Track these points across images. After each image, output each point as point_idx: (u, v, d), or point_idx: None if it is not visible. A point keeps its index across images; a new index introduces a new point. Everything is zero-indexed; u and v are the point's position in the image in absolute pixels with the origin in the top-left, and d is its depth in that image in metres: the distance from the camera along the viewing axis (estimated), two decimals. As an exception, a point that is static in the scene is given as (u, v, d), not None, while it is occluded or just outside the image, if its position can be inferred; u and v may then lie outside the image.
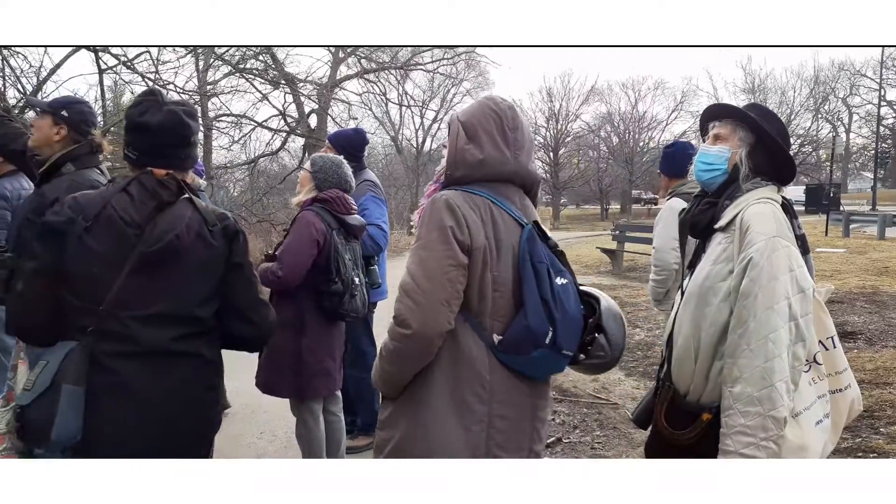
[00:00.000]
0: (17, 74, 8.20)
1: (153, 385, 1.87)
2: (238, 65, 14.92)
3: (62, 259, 1.84)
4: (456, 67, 28.68)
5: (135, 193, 1.91)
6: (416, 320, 1.73)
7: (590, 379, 5.84)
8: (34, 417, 1.77)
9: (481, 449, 1.81)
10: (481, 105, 1.96)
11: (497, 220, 1.83)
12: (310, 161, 3.49)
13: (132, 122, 1.99)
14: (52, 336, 1.88)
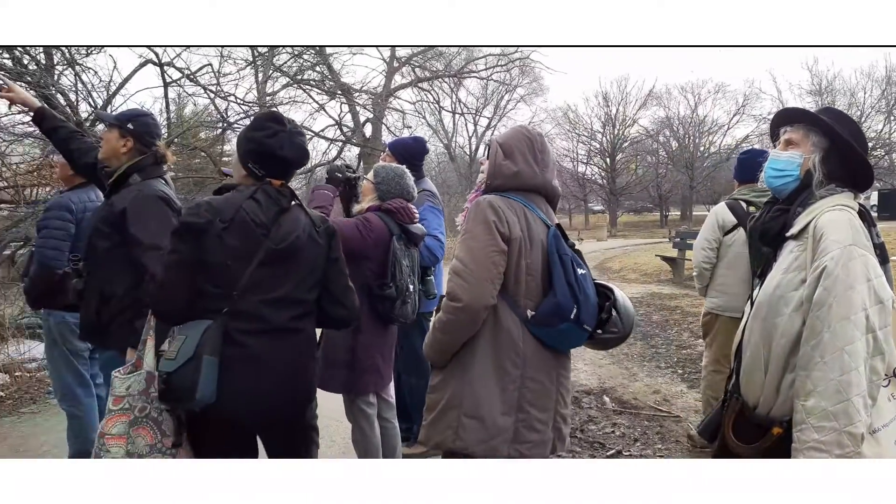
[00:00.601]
0: (89, 89, 8.57)
1: (276, 356, 2.29)
2: (296, 76, 15.23)
3: (200, 253, 2.21)
4: (510, 74, 28.65)
5: (261, 200, 2.32)
6: (466, 295, 2.13)
7: (651, 391, 5.71)
8: (179, 381, 2.13)
9: (514, 405, 2.19)
10: (516, 131, 2.42)
11: (529, 219, 2.26)
12: (373, 171, 3.52)
13: (262, 145, 2.35)
14: (186, 317, 2.23)
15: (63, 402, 3.69)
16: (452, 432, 2.19)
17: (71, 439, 3.69)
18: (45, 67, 7.76)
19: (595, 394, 5.68)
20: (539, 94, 37.58)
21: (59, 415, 5.09)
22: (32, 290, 3.49)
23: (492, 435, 2.17)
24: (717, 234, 4.21)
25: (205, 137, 12.43)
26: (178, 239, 2.24)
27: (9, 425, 5.02)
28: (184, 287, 2.23)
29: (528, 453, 2.21)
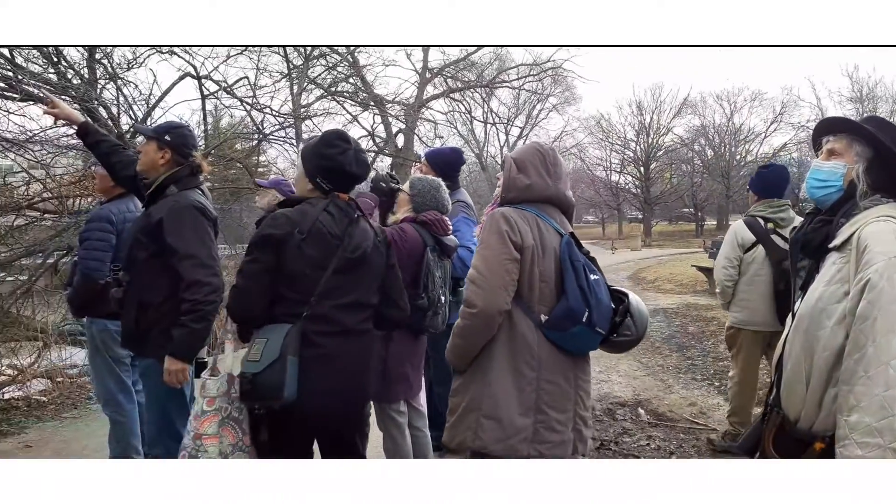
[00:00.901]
0: (130, 102, 8.78)
1: (347, 356, 2.48)
2: (330, 87, 15.44)
3: (280, 262, 2.38)
4: (542, 83, 28.60)
5: (334, 213, 2.50)
6: (480, 301, 2.25)
7: (687, 403, 5.62)
8: (266, 381, 2.27)
9: (532, 406, 2.29)
10: (529, 146, 2.57)
11: (542, 229, 2.37)
12: (408, 183, 3.54)
13: (332, 161, 2.51)
14: (264, 321, 2.39)
15: (106, 408, 3.77)
16: (472, 433, 2.30)
17: (112, 443, 3.76)
18: (88, 81, 7.99)
19: (630, 406, 5.60)
20: (571, 103, 37.41)
21: (99, 420, 5.20)
22: (76, 300, 3.58)
23: (509, 435, 2.26)
24: (738, 251, 4.34)
25: (240, 148, 12.64)
26: (260, 249, 2.41)
27: (51, 430, 5.15)
28: (263, 294, 2.39)
29: (548, 453, 2.28)
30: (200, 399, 2.46)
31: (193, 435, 2.41)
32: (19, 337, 7.86)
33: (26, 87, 6.66)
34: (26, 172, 8.46)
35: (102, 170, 3.70)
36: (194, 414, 2.45)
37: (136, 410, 3.73)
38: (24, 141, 7.48)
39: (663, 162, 44.44)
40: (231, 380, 2.45)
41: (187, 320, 2.74)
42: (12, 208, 8.11)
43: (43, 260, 8.22)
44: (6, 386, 6.99)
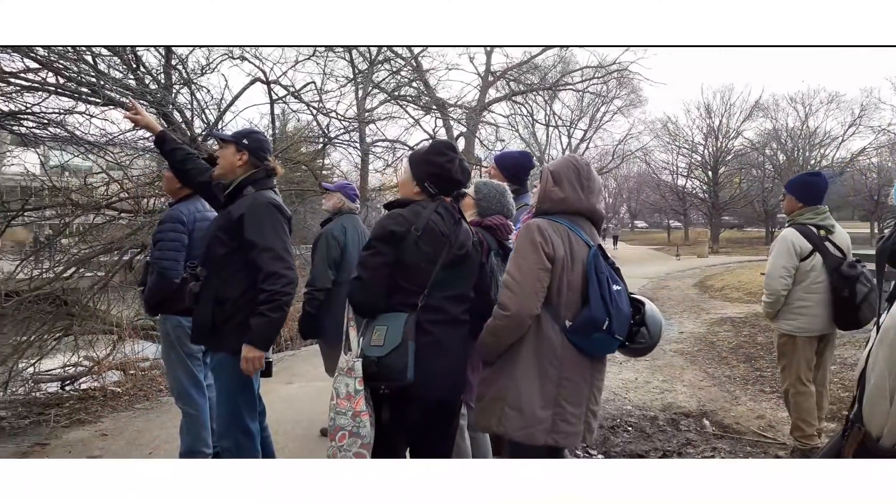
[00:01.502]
0: (203, 107, 9.10)
1: (453, 343, 2.71)
2: (393, 92, 15.63)
3: (399, 255, 2.62)
4: (606, 85, 28.15)
5: (443, 214, 2.72)
6: (514, 305, 2.50)
7: (754, 416, 5.42)
8: (391, 364, 2.52)
9: (552, 400, 2.55)
10: (566, 160, 2.75)
11: (572, 241, 2.58)
12: (474, 187, 3.55)
13: (442, 168, 2.75)
14: (383, 310, 2.63)
15: (179, 401, 3.91)
16: (496, 420, 2.58)
17: (184, 434, 3.90)
18: (164, 86, 8.32)
19: (694, 416, 5.44)
20: (637, 105, 36.63)
21: (169, 412, 5.41)
22: (151, 299, 3.73)
23: (529, 424, 2.53)
24: (794, 260, 4.32)
25: (305, 151, 12.93)
26: (383, 243, 2.64)
27: (125, 420, 5.37)
28: (383, 284, 2.63)
29: (563, 442, 2.59)
30: (350, 380, 2.61)
31: (352, 414, 2.57)
32: (96, 330, 8.25)
33: (108, 92, 6.97)
34: (105, 174, 8.87)
35: (169, 171, 3.85)
36: (345, 395, 2.60)
37: (207, 405, 3.86)
38: (105, 143, 7.84)
39: (732, 166, 43.01)
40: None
41: (265, 309, 2.91)
42: (92, 208, 8.51)
43: (119, 257, 8.61)
44: (83, 376, 7.35)
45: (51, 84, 6.74)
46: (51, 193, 8.67)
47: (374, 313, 2.67)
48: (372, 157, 16.43)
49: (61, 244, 9.14)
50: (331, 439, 2.58)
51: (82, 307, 8.22)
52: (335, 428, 2.57)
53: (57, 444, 4.76)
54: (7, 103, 6.59)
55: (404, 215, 2.70)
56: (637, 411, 5.54)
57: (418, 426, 2.76)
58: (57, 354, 7.90)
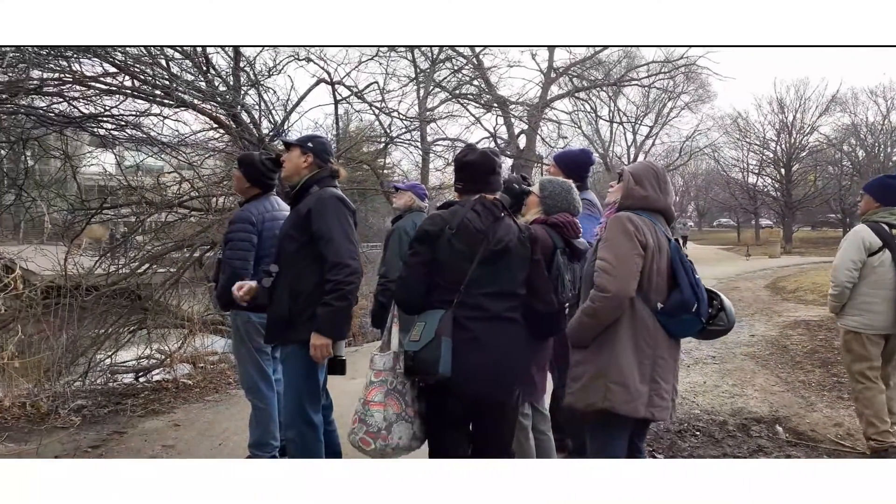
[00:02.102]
0: (269, 107, 9.34)
1: (493, 340, 2.74)
2: (454, 91, 15.65)
3: (435, 253, 2.74)
4: (673, 81, 27.43)
5: (480, 211, 2.81)
6: (613, 287, 2.67)
7: (831, 423, 5.16)
8: (424, 358, 2.65)
9: (648, 376, 2.75)
10: (644, 164, 3.04)
11: (657, 232, 2.81)
12: (538, 185, 3.52)
13: (458, 162, 2.93)
14: (423, 307, 2.76)
15: (248, 394, 4.03)
16: (601, 395, 2.71)
17: (253, 426, 4.01)
18: (233, 88, 8.56)
19: (766, 422, 5.23)
20: (705, 100, 35.62)
21: (238, 404, 5.56)
22: (223, 296, 3.84)
23: (633, 398, 2.70)
24: (863, 255, 4.39)
25: (367, 151, 13.10)
26: (419, 243, 2.78)
27: (196, 411, 5.55)
28: (421, 282, 2.75)
29: (659, 415, 2.79)
30: (370, 371, 2.79)
31: (363, 401, 2.76)
32: (168, 324, 8.57)
33: (181, 94, 7.22)
34: (177, 173, 9.21)
35: (238, 171, 3.96)
36: (365, 384, 2.79)
37: (276, 398, 3.96)
38: (177, 144, 8.13)
39: (807, 163, 41.17)
40: (396, 357, 2.81)
41: (330, 299, 3.02)
42: (165, 206, 8.85)
43: (190, 254, 8.92)
44: (156, 368, 7.65)
45: (127, 87, 7.03)
46: (126, 192, 9.06)
47: (416, 310, 2.79)
48: (432, 156, 16.50)
49: (136, 241, 9.54)
50: (352, 423, 2.81)
51: (155, 302, 8.56)
52: (353, 412, 2.81)
53: (133, 432, 4.95)
54: (88, 106, 6.91)
55: (441, 215, 2.83)
56: (705, 416, 5.36)
57: (464, 421, 2.86)
58: (131, 347, 8.25)
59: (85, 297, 7.06)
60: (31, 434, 4.64)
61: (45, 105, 6.63)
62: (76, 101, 6.75)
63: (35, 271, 7.72)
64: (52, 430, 4.88)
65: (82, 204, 8.58)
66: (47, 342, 6.33)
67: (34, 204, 7.79)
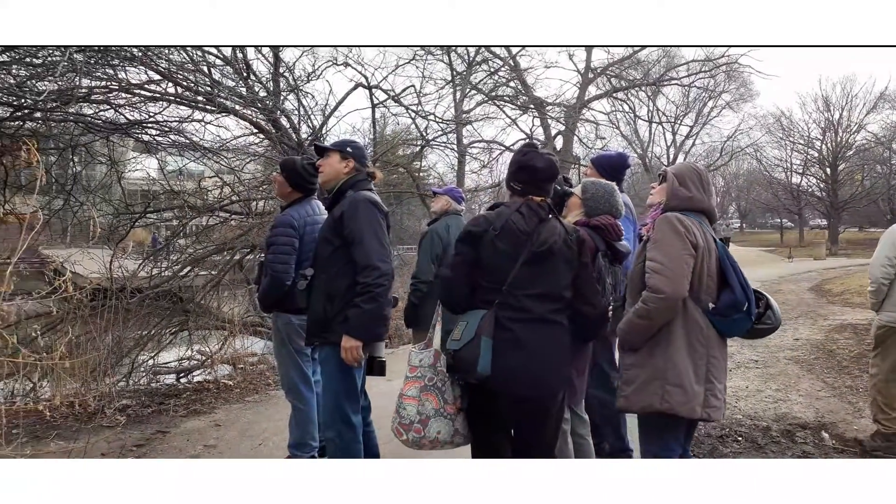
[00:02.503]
0: (308, 112, 9.46)
1: (534, 341, 2.74)
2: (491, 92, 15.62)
3: (478, 255, 2.76)
4: (714, 79, 26.94)
5: (525, 213, 2.81)
6: (668, 287, 2.67)
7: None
8: (464, 357, 2.70)
9: (703, 377, 2.75)
10: (686, 165, 3.06)
11: (705, 232, 2.82)
12: (581, 186, 3.50)
13: (522, 166, 2.88)
14: (466, 307, 2.79)
15: (289, 395, 4.09)
16: (659, 397, 2.70)
17: (293, 427, 4.07)
18: (272, 93, 8.70)
19: (812, 428, 5.10)
20: (747, 99, 34.88)
21: (277, 405, 5.64)
22: (265, 300, 3.93)
23: (690, 399, 2.70)
24: None
25: (402, 154, 13.17)
26: (463, 244, 2.80)
27: (237, 411, 5.64)
28: (463, 283, 2.78)
29: (714, 415, 2.79)
30: (407, 366, 2.88)
31: (399, 395, 2.84)
32: (209, 326, 8.74)
33: (222, 100, 7.36)
34: (218, 177, 9.39)
35: (280, 176, 4.01)
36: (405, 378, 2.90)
37: (315, 399, 4.00)
38: (219, 149, 8.30)
39: (854, 162, 40.00)
40: (437, 355, 2.88)
41: (359, 301, 3.08)
42: (206, 210, 9.03)
43: (230, 257, 9.08)
44: (197, 369, 7.80)
45: (171, 94, 7.19)
46: (168, 197, 9.26)
47: (459, 310, 2.83)
48: (468, 158, 16.50)
49: (178, 244, 9.76)
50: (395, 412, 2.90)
51: (196, 304, 8.73)
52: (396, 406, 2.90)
53: (176, 432, 5.06)
54: (133, 113, 7.09)
55: (486, 216, 2.84)
56: (748, 421, 5.25)
57: (505, 423, 2.89)
58: (172, 348, 8.43)
59: (129, 299, 7.24)
60: (79, 433, 4.78)
61: (93, 112, 6.83)
62: (122, 107, 6.94)
63: (82, 274, 7.96)
64: (98, 428, 5.01)
65: (127, 208, 8.81)
66: (93, 343, 6.51)
67: (81, 208, 8.02)
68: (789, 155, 41.22)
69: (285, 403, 4.16)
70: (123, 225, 8.61)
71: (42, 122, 6.76)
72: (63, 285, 3.59)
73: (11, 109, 6.14)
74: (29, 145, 3.54)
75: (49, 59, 5.48)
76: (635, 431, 3.08)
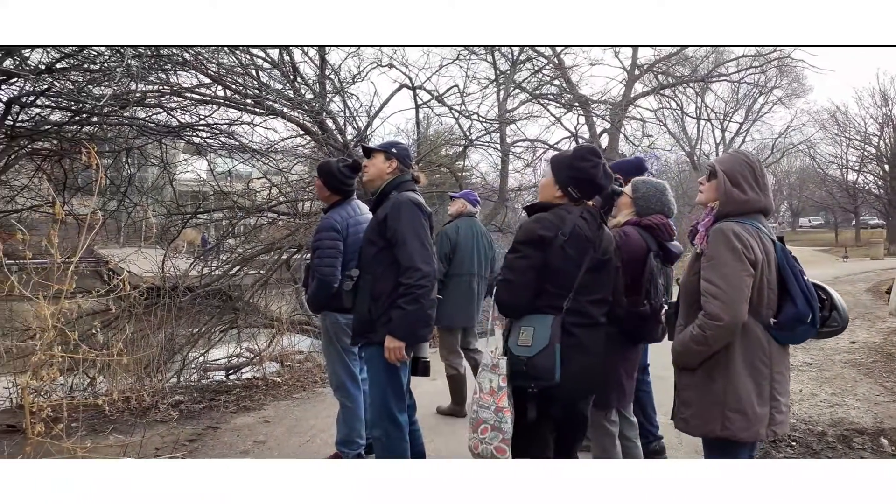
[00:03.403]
0: (353, 114, 9.56)
1: (595, 345, 2.79)
2: (535, 91, 15.51)
3: (546, 259, 2.69)
4: (765, 75, 26.21)
5: (588, 218, 2.78)
6: (726, 315, 2.48)
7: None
8: (541, 365, 2.62)
9: (767, 396, 2.59)
10: (737, 159, 2.70)
11: (763, 241, 2.59)
12: (631, 185, 3.45)
13: (586, 174, 2.78)
14: (528, 311, 2.71)
15: (337, 393, 4.16)
16: (719, 424, 2.57)
17: (340, 424, 4.14)
18: (319, 95, 8.81)
19: (869, 434, 4.92)
20: (800, 94, 33.76)
21: (324, 402, 5.72)
22: (314, 302, 4.01)
23: (753, 423, 2.56)
24: None
25: (445, 154, 13.18)
26: (531, 247, 2.71)
27: (285, 408, 5.74)
28: (528, 287, 2.70)
29: (779, 431, 2.68)
30: (494, 376, 2.72)
31: (494, 409, 2.68)
32: (257, 324, 8.91)
33: (270, 103, 7.50)
34: (266, 178, 9.57)
35: (319, 180, 4.09)
36: (489, 390, 2.71)
37: (362, 397, 4.06)
38: (267, 150, 8.45)
39: (914, 158, 38.50)
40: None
41: (402, 302, 3.10)
42: (255, 210, 9.21)
43: (278, 256, 9.24)
44: (245, 367, 7.96)
45: (220, 97, 7.36)
46: (218, 197, 9.47)
47: (518, 313, 2.74)
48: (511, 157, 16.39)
49: (228, 244, 9.98)
50: (473, 430, 2.71)
51: (245, 302, 8.92)
52: (477, 420, 2.70)
53: (227, 427, 5.17)
54: (184, 116, 7.29)
55: (551, 220, 2.73)
56: (802, 425, 5.10)
57: (558, 424, 2.85)
58: (222, 345, 8.62)
59: (181, 297, 7.43)
60: (134, 427, 4.92)
61: (146, 116, 7.03)
62: (174, 111, 7.13)
63: (136, 273, 8.22)
64: (152, 423, 5.15)
65: (178, 209, 9.05)
66: (146, 340, 6.70)
67: (135, 209, 8.27)
68: (845, 151, 39.87)
69: (332, 401, 4.21)
70: (175, 225, 8.84)
71: (98, 126, 7.00)
72: (121, 284, 3.71)
73: (70, 114, 6.38)
74: (89, 148, 3.66)
75: (106, 64, 5.66)
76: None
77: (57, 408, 3.77)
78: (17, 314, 6.65)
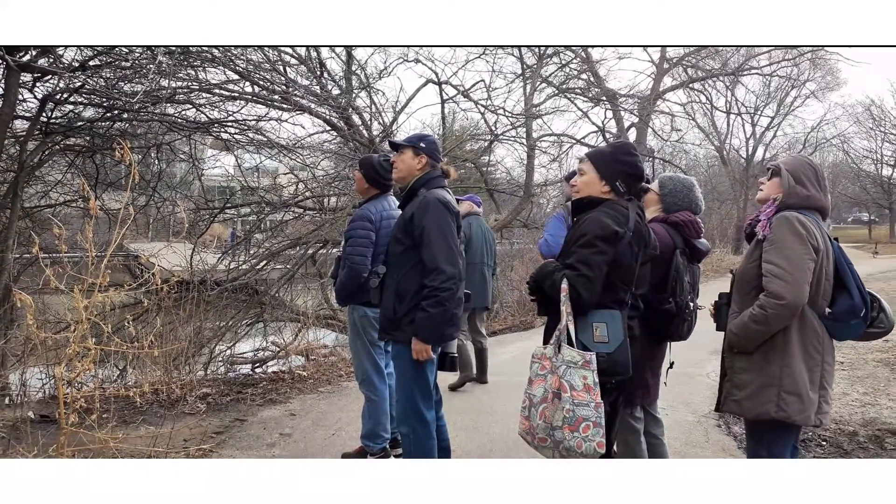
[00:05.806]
0: (380, 109, 9.60)
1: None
2: (561, 85, 15.39)
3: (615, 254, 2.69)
4: (798, 68, 25.69)
5: (640, 214, 2.85)
6: (789, 294, 2.57)
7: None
8: (619, 360, 2.66)
9: (818, 383, 2.70)
10: (800, 161, 2.86)
11: (823, 233, 2.72)
12: (658, 181, 3.42)
13: (635, 168, 2.82)
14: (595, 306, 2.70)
15: (362, 386, 4.17)
16: (774, 405, 2.65)
17: (365, 418, 4.15)
18: (345, 91, 8.86)
19: (903, 435, 4.82)
20: (834, 88, 32.88)
21: (349, 396, 5.76)
22: (343, 291, 4.03)
23: (807, 407, 2.65)
24: None
25: (470, 149, 13.17)
26: (606, 243, 2.69)
27: (311, 401, 5.79)
28: (601, 281, 2.69)
29: (825, 420, 2.76)
30: (588, 372, 2.62)
31: (594, 405, 2.59)
32: (283, 318, 9.01)
33: (297, 98, 7.56)
34: (293, 174, 9.65)
35: (359, 173, 4.10)
36: (583, 387, 2.61)
37: (388, 391, 4.08)
38: (294, 146, 8.53)
39: (953, 154, 37.51)
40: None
41: (426, 304, 3.08)
42: (282, 206, 9.30)
43: (304, 251, 9.32)
44: (271, 360, 8.06)
45: (248, 93, 7.43)
46: (245, 193, 9.57)
47: (588, 309, 2.72)
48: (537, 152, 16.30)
49: (255, 239, 10.09)
50: (572, 430, 2.59)
51: (271, 297, 9.01)
52: (577, 419, 2.58)
53: (254, 420, 5.23)
54: (212, 112, 7.38)
55: (618, 216, 2.74)
56: (833, 425, 5.00)
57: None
58: (248, 339, 8.72)
59: (209, 291, 7.54)
60: (164, 419, 5.01)
61: (175, 112, 7.13)
62: (202, 107, 7.22)
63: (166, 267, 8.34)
64: (181, 415, 5.24)
65: (206, 204, 9.17)
66: (175, 333, 6.81)
67: (164, 204, 8.40)
68: (880, 146, 38.96)
69: (358, 394, 4.24)
70: (204, 220, 8.96)
71: (129, 122, 7.12)
72: (152, 278, 3.78)
73: (103, 111, 6.50)
74: (123, 144, 3.72)
75: (137, 62, 5.75)
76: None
77: (89, 399, 3.84)
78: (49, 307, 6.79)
